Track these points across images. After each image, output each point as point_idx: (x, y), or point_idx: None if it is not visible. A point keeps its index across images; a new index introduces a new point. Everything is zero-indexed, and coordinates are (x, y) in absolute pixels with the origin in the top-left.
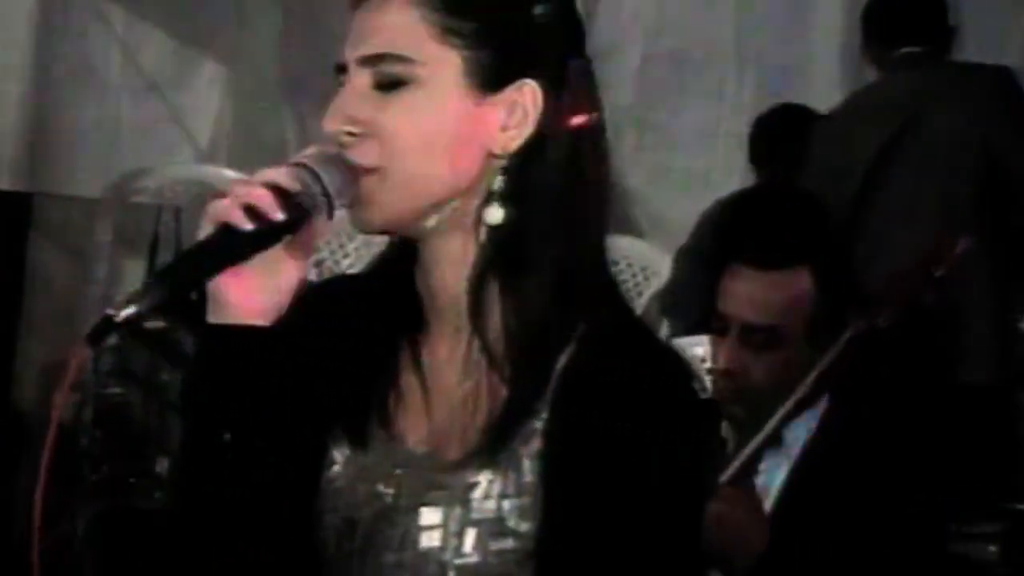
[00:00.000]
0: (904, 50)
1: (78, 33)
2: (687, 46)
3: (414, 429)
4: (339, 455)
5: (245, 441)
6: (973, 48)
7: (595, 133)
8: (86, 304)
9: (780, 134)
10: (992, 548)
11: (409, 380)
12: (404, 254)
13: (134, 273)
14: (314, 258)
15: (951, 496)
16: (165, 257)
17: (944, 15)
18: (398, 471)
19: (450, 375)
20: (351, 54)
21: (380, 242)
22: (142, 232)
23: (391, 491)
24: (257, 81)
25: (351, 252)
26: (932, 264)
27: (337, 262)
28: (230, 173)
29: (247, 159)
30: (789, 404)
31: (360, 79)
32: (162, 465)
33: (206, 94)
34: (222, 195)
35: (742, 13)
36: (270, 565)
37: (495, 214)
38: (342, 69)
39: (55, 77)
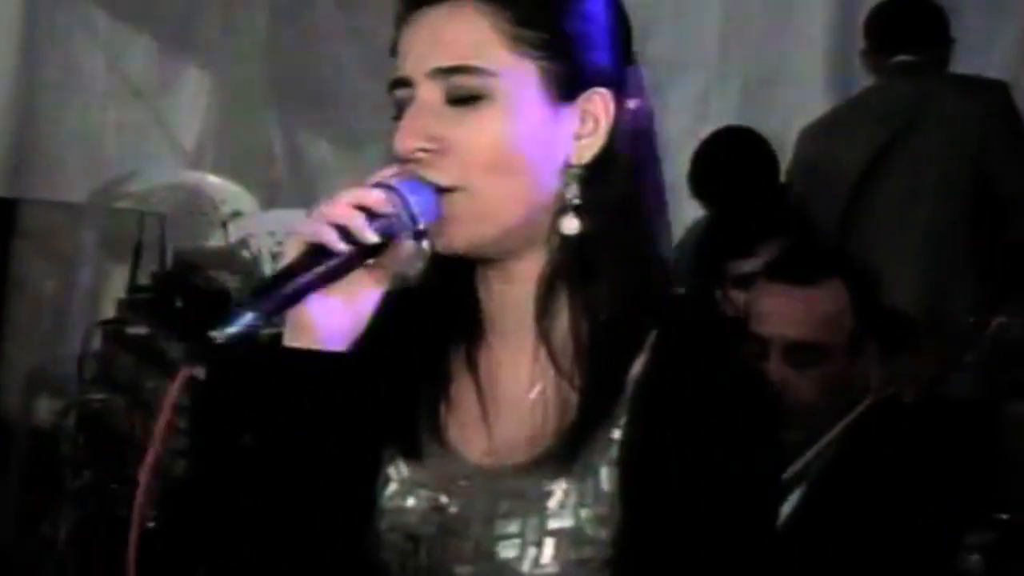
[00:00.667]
0: (901, 58)
1: (62, 39)
2: (671, 53)
3: (472, 439)
4: (394, 472)
5: (306, 465)
6: (957, 57)
7: (654, 138)
8: (70, 310)
9: (724, 163)
10: (976, 558)
11: (462, 389)
12: (460, 260)
13: (118, 279)
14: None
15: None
16: (149, 263)
17: (944, 26)
18: (462, 483)
19: (513, 383)
20: (418, 67)
21: None
22: (126, 238)
23: (456, 503)
24: (242, 86)
25: None
26: (964, 349)
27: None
28: (214, 179)
29: (232, 165)
30: (810, 454)
31: (431, 94)
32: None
33: (191, 100)
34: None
35: (727, 22)
36: None
37: (571, 224)
38: (403, 83)
39: (39, 83)
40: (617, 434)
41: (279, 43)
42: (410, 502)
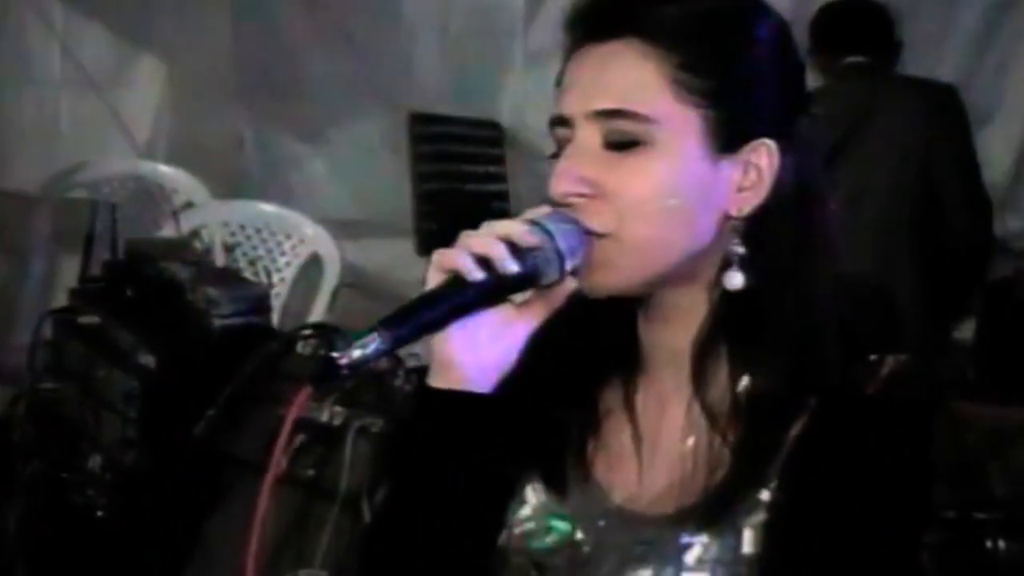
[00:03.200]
0: (850, 59)
1: (17, 29)
2: None
3: (619, 479)
4: (531, 494)
5: (443, 502)
6: (908, 59)
7: (821, 191)
8: (22, 299)
9: None
10: (924, 556)
11: (616, 425)
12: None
13: (70, 268)
14: (250, 256)
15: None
16: (101, 253)
17: (891, 28)
18: (600, 522)
19: (667, 431)
20: (578, 107)
21: (313, 237)
22: (78, 228)
23: (591, 541)
24: (197, 77)
25: (287, 250)
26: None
27: (274, 260)
28: (167, 169)
29: (185, 155)
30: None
31: (589, 136)
32: (94, 461)
33: (145, 90)
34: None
35: None
36: None
37: (736, 279)
38: (563, 122)
39: None
40: (766, 495)
41: (246, 34)
42: (542, 530)
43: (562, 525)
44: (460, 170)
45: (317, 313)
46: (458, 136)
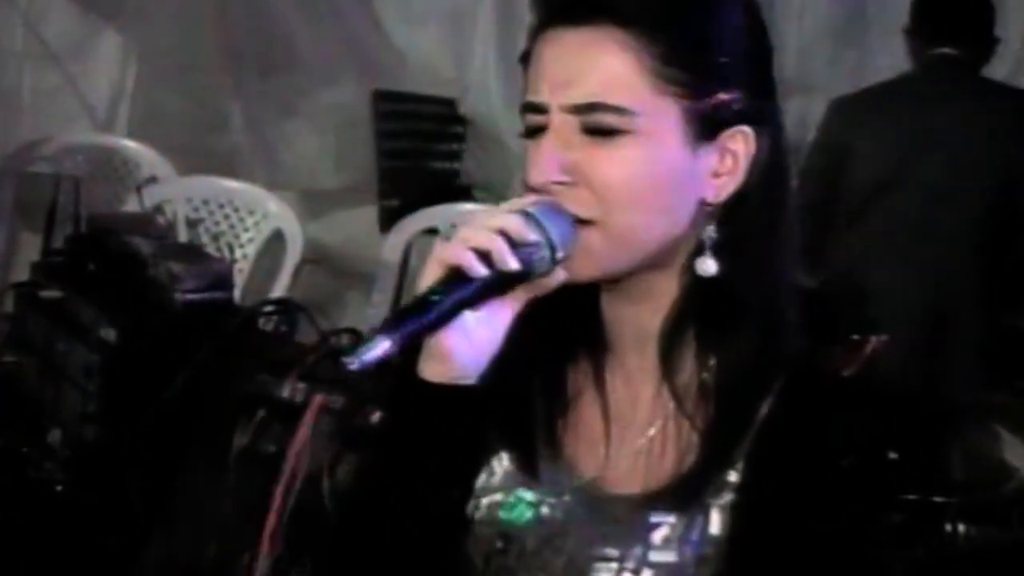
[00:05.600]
0: (940, 50)
1: None
2: None
3: (587, 456)
4: (498, 464)
5: (418, 482)
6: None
7: (788, 173)
8: None
9: None
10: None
11: (586, 404)
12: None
13: (32, 243)
14: (213, 231)
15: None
16: (63, 227)
17: (990, 21)
18: (567, 497)
19: (635, 413)
20: (554, 98)
21: (276, 213)
22: (41, 201)
23: (558, 516)
24: (163, 51)
25: (250, 226)
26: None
27: (237, 236)
28: (129, 143)
29: (146, 129)
30: None
31: (566, 124)
32: (54, 436)
33: (107, 64)
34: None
35: None
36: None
37: (709, 266)
38: (536, 108)
39: None
40: (733, 477)
41: (233, 8)
42: (510, 503)
43: (530, 497)
44: (421, 147)
45: (280, 289)
46: (419, 114)
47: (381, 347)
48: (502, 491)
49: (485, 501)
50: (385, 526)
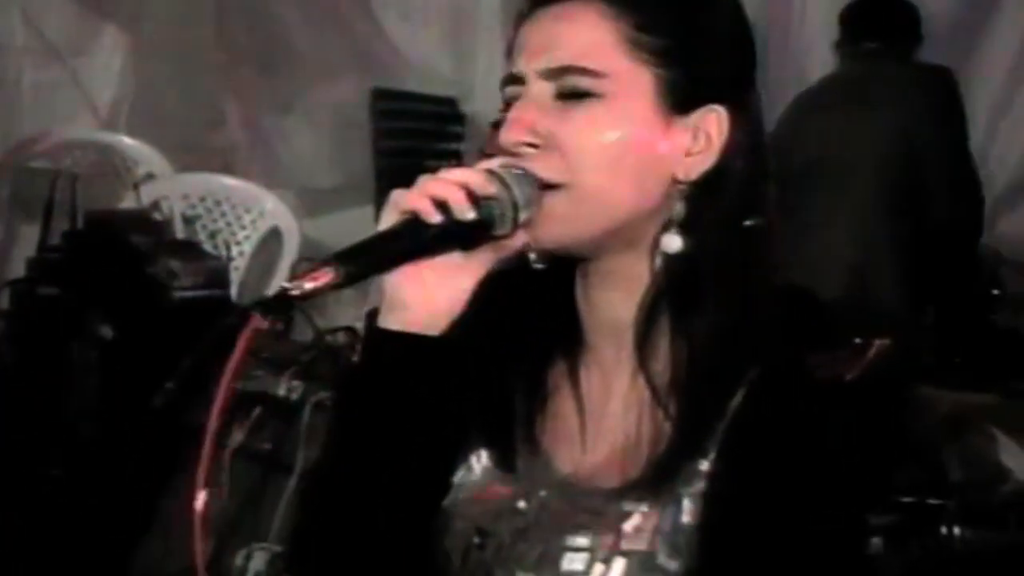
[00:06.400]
0: (866, 45)
1: None
2: None
3: (564, 451)
4: (476, 461)
5: (386, 444)
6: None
7: (767, 165)
8: None
9: None
10: (876, 540)
11: (562, 399)
12: (564, 265)
13: (29, 238)
14: (210, 228)
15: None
16: (60, 223)
17: (913, 19)
18: (542, 492)
19: (610, 404)
20: (530, 65)
21: (272, 211)
22: (38, 196)
23: (533, 509)
24: (163, 48)
25: (247, 224)
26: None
27: (234, 233)
28: (126, 139)
29: (144, 126)
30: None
31: (540, 89)
32: (52, 433)
33: (107, 60)
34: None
35: None
36: (391, 562)
37: (674, 242)
38: (515, 80)
39: None
40: (705, 466)
41: (231, 5)
42: (488, 496)
43: (505, 491)
44: (420, 146)
45: (276, 286)
46: (418, 112)
47: (324, 276)
48: (478, 487)
49: (462, 496)
50: (349, 498)
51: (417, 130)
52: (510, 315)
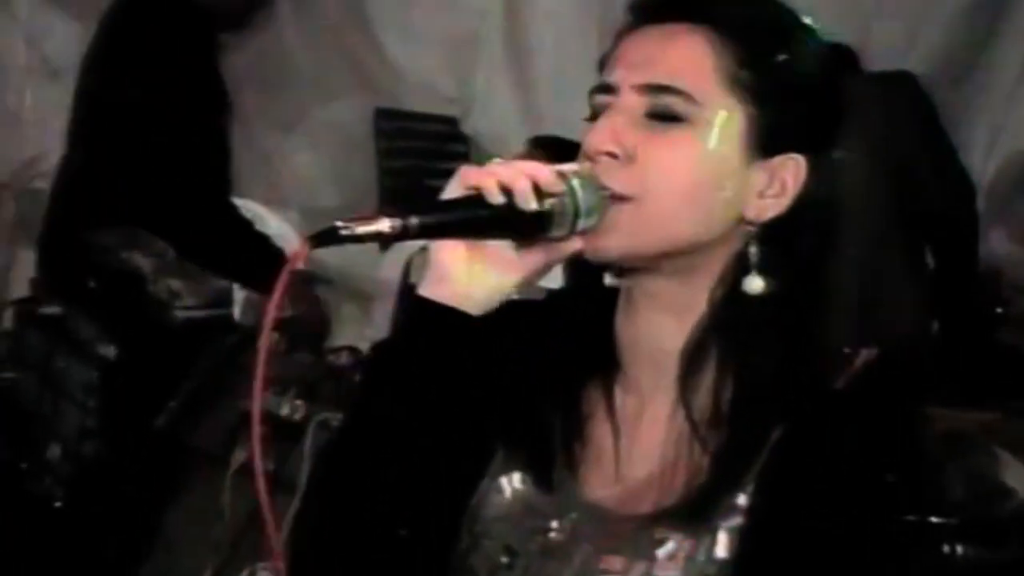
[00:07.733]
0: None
1: None
2: None
3: (599, 477)
4: (507, 483)
5: (414, 422)
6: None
7: (839, 221)
8: None
9: None
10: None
11: (598, 424)
12: (606, 291)
13: (31, 259)
14: None
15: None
16: None
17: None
18: (574, 514)
19: (648, 432)
20: (626, 78)
21: (276, 231)
22: (41, 218)
23: (565, 531)
24: None
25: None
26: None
27: None
28: None
29: None
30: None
31: (633, 103)
32: (53, 451)
33: None
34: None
35: None
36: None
37: (756, 283)
38: (607, 89)
39: None
40: (742, 500)
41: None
42: (519, 518)
43: (537, 512)
44: (423, 166)
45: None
46: (421, 132)
47: (378, 224)
48: (510, 509)
49: (491, 516)
50: (372, 454)
51: (420, 150)
52: (547, 339)
